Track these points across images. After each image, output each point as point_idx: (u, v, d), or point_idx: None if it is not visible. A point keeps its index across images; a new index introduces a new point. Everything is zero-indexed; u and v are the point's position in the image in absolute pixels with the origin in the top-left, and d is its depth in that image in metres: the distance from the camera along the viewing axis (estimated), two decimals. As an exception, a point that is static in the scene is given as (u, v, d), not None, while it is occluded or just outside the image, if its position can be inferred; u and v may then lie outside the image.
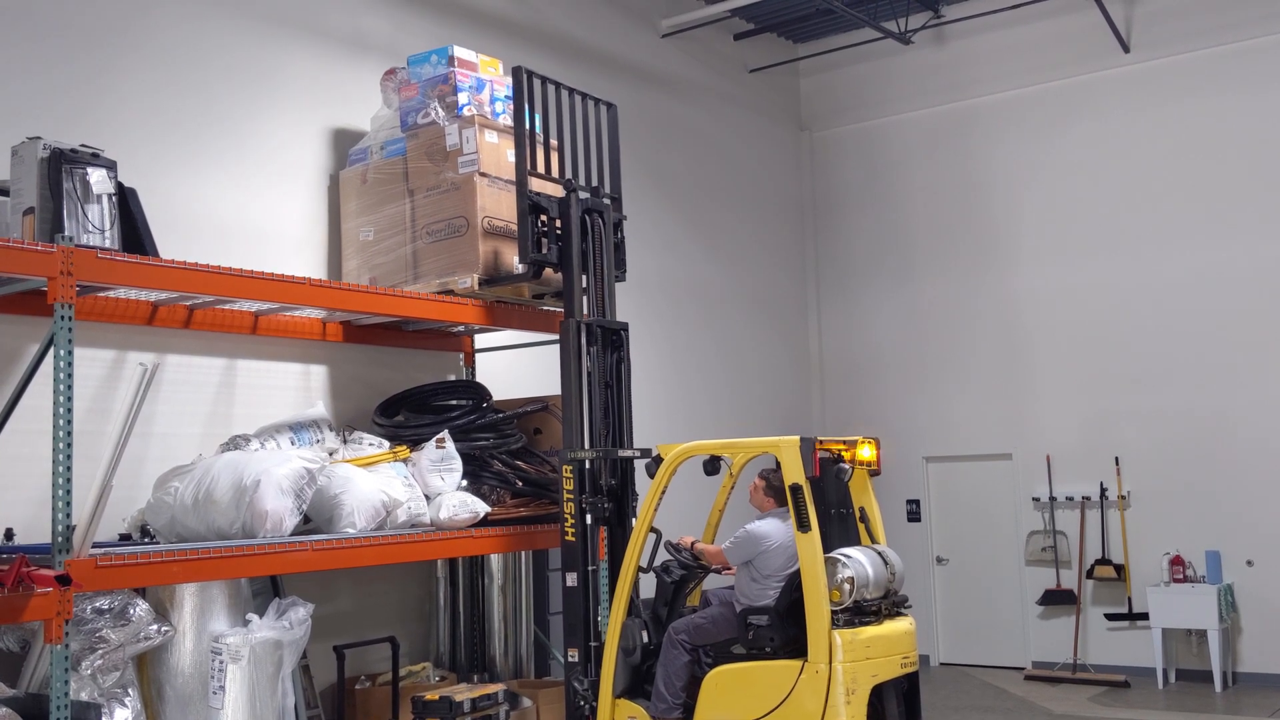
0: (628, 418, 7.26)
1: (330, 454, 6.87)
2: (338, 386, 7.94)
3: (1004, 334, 12.36)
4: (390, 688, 7.20)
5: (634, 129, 10.74)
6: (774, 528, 6.31)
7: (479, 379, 8.61)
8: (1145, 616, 11.10)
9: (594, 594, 6.90)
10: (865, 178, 13.35)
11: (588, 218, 7.33)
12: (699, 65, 12.19)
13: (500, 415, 7.77)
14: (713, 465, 6.63)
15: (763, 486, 6.56)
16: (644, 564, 6.65)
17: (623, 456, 7.10)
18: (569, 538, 6.88)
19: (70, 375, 5.24)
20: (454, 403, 7.86)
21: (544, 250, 7.21)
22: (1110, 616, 11.45)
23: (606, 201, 7.57)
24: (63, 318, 5.26)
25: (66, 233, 5.58)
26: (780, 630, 6.03)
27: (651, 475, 6.59)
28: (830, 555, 5.97)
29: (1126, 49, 11.74)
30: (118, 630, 5.58)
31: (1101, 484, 11.62)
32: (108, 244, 5.85)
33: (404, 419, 7.70)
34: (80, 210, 5.74)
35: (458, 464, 7.20)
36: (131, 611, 5.65)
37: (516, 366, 9.03)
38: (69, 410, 5.21)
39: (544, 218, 7.21)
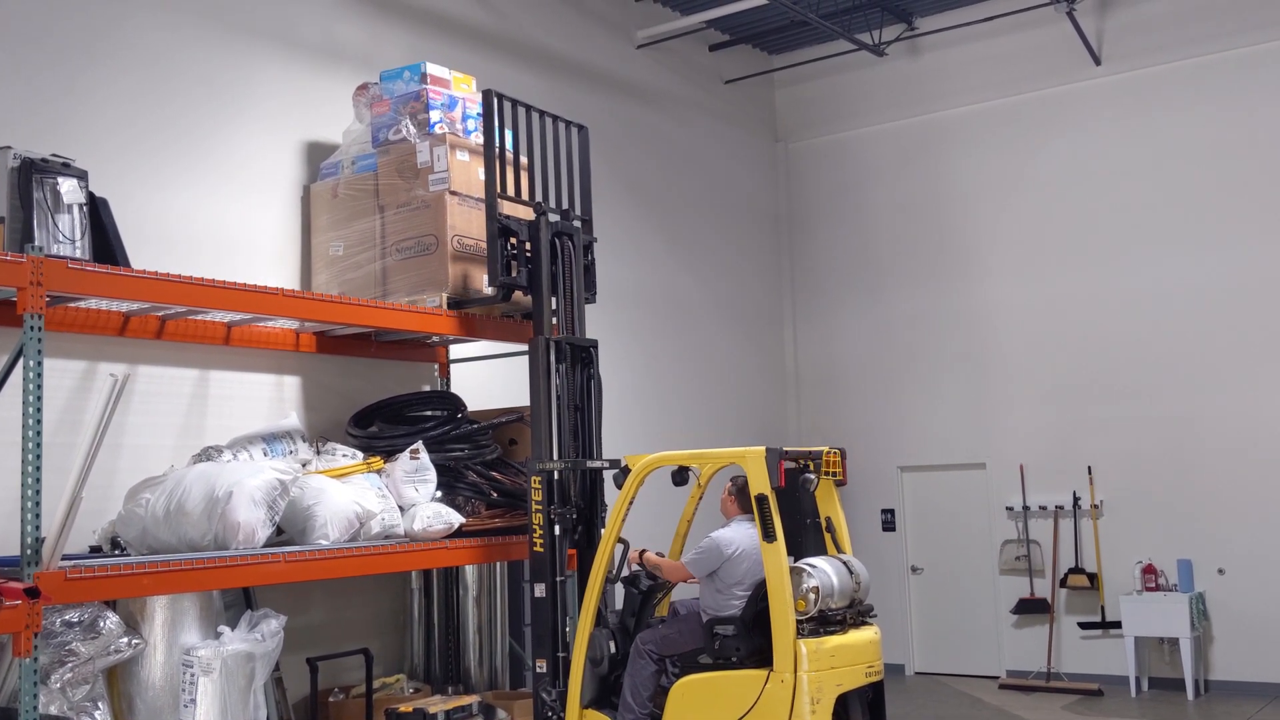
0: (597, 431, 7.27)
1: (303, 465, 6.84)
2: (311, 397, 7.91)
3: (978, 344, 12.44)
4: (364, 700, 7.17)
5: (609, 140, 10.77)
6: (737, 534, 6.34)
7: (454, 390, 8.59)
8: (1118, 625, 11.17)
9: (563, 605, 6.90)
10: (840, 189, 13.42)
11: (558, 241, 7.33)
12: (674, 76, 12.24)
13: (475, 426, 7.76)
14: (681, 476, 6.66)
15: (730, 490, 6.60)
16: (612, 574, 6.66)
17: (591, 468, 7.11)
18: (537, 549, 6.88)
19: (40, 386, 5.20)
20: (428, 414, 7.84)
21: (513, 273, 7.22)
22: (1083, 625, 11.52)
23: (577, 224, 7.58)
24: (32, 328, 5.23)
25: (36, 243, 5.55)
26: (746, 640, 6.04)
27: (619, 486, 6.61)
28: (795, 565, 6.00)
29: (1098, 62, 11.86)
30: (87, 643, 5.53)
31: (1074, 493, 11.70)
32: (78, 254, 5.83)
33: (378, 430, 7.67)
34: (50, 220, 5.72)
35: (432, 475, 7.19)
36: (101, 624, 5.60)
37: (492, 377, 9.03)
38: (38, 421, 5.17)
39: (514, 240, 7.22)
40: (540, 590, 6.81)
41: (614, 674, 6.53)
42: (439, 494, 7.24)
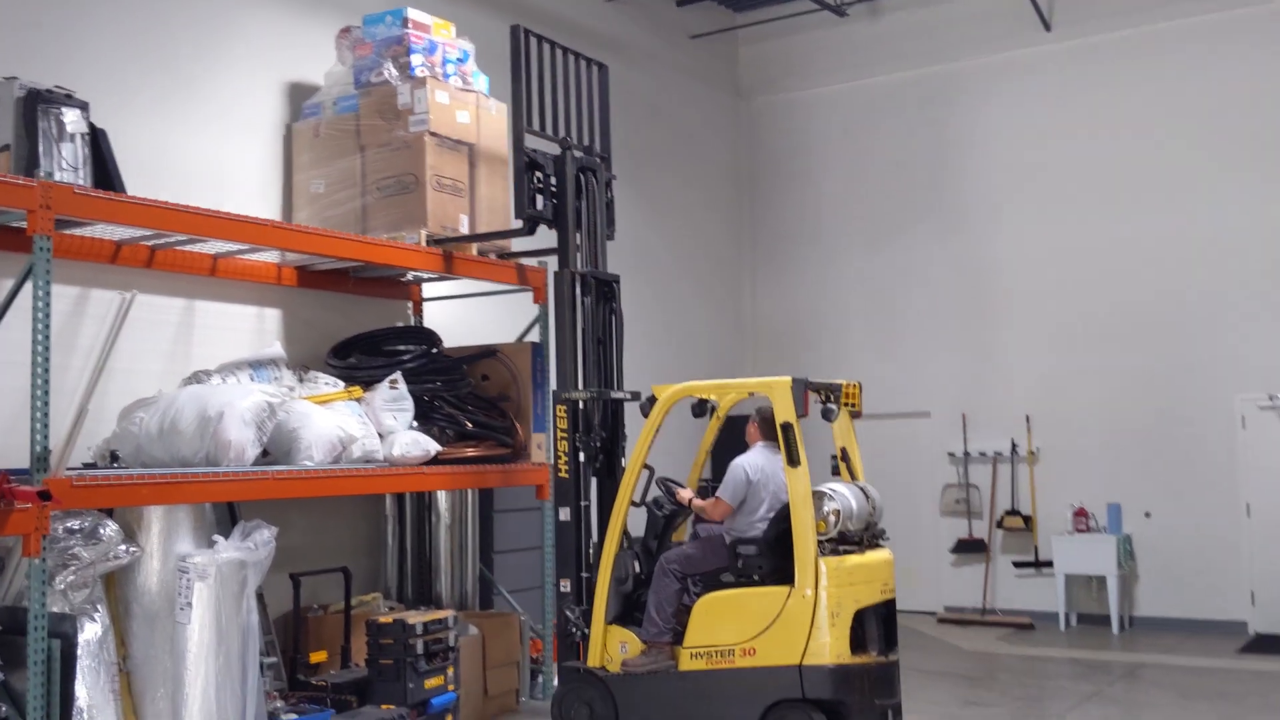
0: (619, 364, 7.56)
1: (289, 390, 7.15)
2: (290, 330, 8.20)
3: (926, 300, 12.94)
4: (342, 615, 7.54)
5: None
6: (758, 458, 6.77)
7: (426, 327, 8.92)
8: (1050, 564, 11.82)
9: (585, 528, 7.23)
10: (798, 147, 13.80)
11: (582, 176, 7.60)
12: (642, 30, 12.52)
13: (450, 360, 8.11)
14: (701, 408, 7.06)
15: (753, 419, 7.00)
16: (636, 498, 7.03)
17: (615, 398, 7.43)
18: (562, 474, 7.21)
19: (48, 305, 5.52)
20: (404, 347, 8.17)
21: (539, 207, 7.50)
22: (1017, 564, 12.16)
23: (599, 160, 7.87)
24: (42, 249, 5.53)
25: (42, 169, 5.81)
26: (768, 559, 6.44)
27: (645, 415, 6.98)
28: (818, 489, 6.43)
29: (1048, 28, 12.29)
30: (89, 549, 5.85)
31: (1013, 440, 12.29)
32: (81, 182, 6.09)
33: (356, 361, 7.98)
34: (55, 148, 5.98)
35: (409, 404, 7.52)
36: (102, 531, 5.91)
37: (463, 316, 9.35)
38: (47, 338, 5.50)
39: (539, 175, 7.47)
40: (565, 514, 7.16)
41: (637, 592, 6.92)
42: (415, 424, 7.59)
